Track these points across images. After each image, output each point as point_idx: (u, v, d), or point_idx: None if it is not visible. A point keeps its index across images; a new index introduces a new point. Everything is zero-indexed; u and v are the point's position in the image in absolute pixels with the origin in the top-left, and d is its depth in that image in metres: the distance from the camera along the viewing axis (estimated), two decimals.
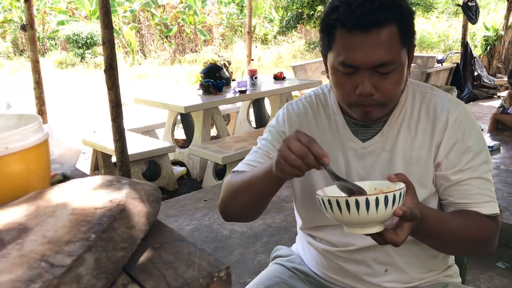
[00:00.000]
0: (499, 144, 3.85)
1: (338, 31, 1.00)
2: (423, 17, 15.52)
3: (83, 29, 15.15)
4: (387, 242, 0.88)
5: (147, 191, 0.75)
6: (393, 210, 0.84)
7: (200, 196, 3.96)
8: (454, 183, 1.09)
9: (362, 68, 1.00)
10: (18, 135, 0.75)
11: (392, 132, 1.13)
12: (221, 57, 8.16)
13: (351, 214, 0.83)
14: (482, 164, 1.09)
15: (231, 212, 1.19)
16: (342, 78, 1.04)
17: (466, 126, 1.10)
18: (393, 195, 0.82)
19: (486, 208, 1.08)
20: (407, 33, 1.02)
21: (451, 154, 1.09)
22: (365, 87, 1.00)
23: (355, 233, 0.87)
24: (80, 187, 0.74)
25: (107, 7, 3.07)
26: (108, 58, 3.11)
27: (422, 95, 1.15)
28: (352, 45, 0.98)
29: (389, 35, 0.97)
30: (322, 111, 1.21)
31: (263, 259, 2.79)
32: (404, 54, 1.03)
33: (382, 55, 0.97)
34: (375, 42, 0.97)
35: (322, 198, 0.86)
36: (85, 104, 9.35)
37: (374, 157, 1.13)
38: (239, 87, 4.83)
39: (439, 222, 1.00)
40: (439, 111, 1.11)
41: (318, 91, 1.25)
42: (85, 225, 0.60)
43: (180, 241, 0.69)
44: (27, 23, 4.54)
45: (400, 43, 1.00)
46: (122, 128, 3.26)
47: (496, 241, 1.10)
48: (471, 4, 7.00)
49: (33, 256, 0.54)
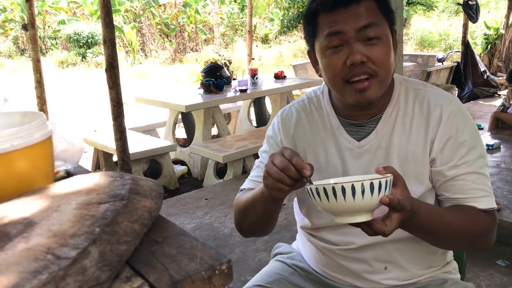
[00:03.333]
0: (499, 143, 3.87)
1: (321, 16, 1.06)
2: (424, 16, 15.50)
3: (84, 28, 15.18)
4: (376, 232, 0.88)
5: (149, 186, 0.77)
6: (380, 197, 0.84)
7: (201, 195, 3.97)
8: (450, 178, 1.09)
9: (348, 33, 1.02)
10: (22, 132, 0.77)
11: (386, 130, 1.13)
12: (222, 56, 8.18)
13: (338, 201, 0.83)
14: (477, 158, 1.09)
15: (244, 230, 1.23)
16: (331, 56, 1.06)
17: (460, 121, 1.10)
18: (378, 182, 0.83)
19: (482, 202, 1.08)
20: (385, 8, 1.07)
21: (446, 150, 1.09)
22: (356, 54, 1.02)
23: (343, 222, 0.88)
24: (83, 183, 0.75)
25: (108, 7, 3.08)
26: (109, 57, 3.12)
27: (415, 91, 1.16)
28: (335, 18, 1.04)
29: (368, 6, 1.04)
30: (315, 113, 1.22)
31: (264, 257, 2.80)
32: (387, 28, 1.07)
33: (365, 17, 1.02)
34: (356, 12, 1.03)
35: (310, 187, 0.87)
36: (86, 103, 9.36)
37: (370, 156, 1.14)
38: (240, 86, 4.84)
39: (433, 216, 1.01)
40: (433, 107, 1.11)
41: (311, 94, 1.27)
42: (89, 219, 0.62)
43: (182, 235, 0.70)
44: (28, 22, 4.55)
45: (381, 14, 1.05)
46: (123, 127, 3.27)
47: (493, 236, 1.10)
48: (471, 3, 7.00)
49: (39, 249, 0.55)
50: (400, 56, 3.03)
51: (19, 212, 0.66)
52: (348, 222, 0.87)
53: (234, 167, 4.30)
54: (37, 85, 4.61)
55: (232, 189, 4.03)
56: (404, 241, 1.14)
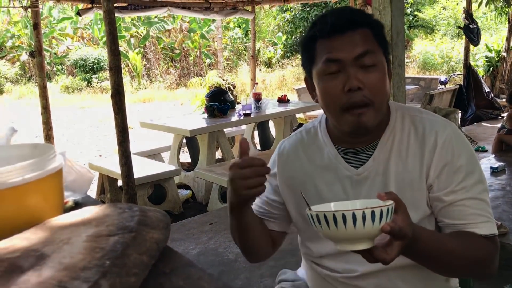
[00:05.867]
0: (504, 165, 3.86)
1: (318, 42, 1.10)
2: (426, 39, 15.64)
3: (90, 53, 15.39)
4: (376, 259, 0.88)
5: (157, 217, 0.78)
6: (381, 225, 0.83)
7: (206, 220, 3.96)
8: (448, 204, 1.09)
9: (346, 61, 1.05)
10: (34, 166, 0.79)
11: (383, 156, 1.14)
12: (226, 80, 8.26)
13: (339, 228, 0.83)
14: (476, 184, 1.09)
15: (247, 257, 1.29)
16: (329, 82, 1.08)
17: (456, 146, 1.11)
18: (380, 210, 0.82)
19: (483, 228, 1.07)
20: (380, 37, 1.11)
21: (442, 176, 1.10)
22: (353, 80, 1.05)
23: (344, 249, 0.87)
24: (93, 215, 0.77)
25: (114, 34, 3.14)
26: (115, 84, 3.17)
27: (411, 118, 1.17)
28: (333, 45, 1.07)
29: (364, 34, 1.08)
30: (312, 144, 1.23)
31: (269, 283, 2.78)
32: (383, 57, 1.10)
33: (361, 45, 1.06)
34: (353, 39, 1.06)
35: (311, 213, 0.86)
36: (91, 128, 9.43)
37: (369, 182, 1.15)
38: (244, 110, 4.88)
39: (434, 243, 1.00)
40: (428, 133, 1.13)
41: (308, 126, 1.29)
42: (100, 251, 0.63)
43: (189, 266, 0.72)
44: (36, 49, 4.64)
45: (376, 42, 1.09)
46: (129, 152, 3.29)
47: (496, 263, 1.10)
48: (472, 27, 7.08)
49: (51, 282, 0.56)
50: (403, 80, 3.04)
51: (31, 245, 0.68)
52: (349, 249, 0.87)
53: None
54: (43, 111, 4.67)
55: None
56: (407, 268, 1.13)
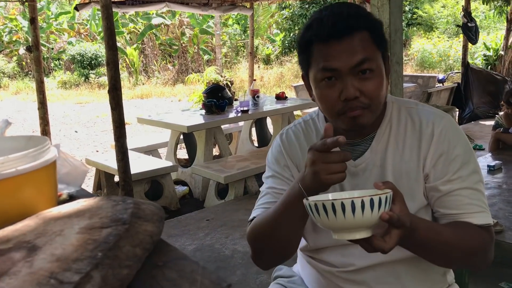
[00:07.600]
0: (500, 164, 3.86)
1: (315, 46, 1.07)
2: (424, 38, 15.65)
3: (88, 49, 15.35)
4: (375, 249, 0.88)
5: (151, 210, 0.78)
6: (379, 214, 0.83)
7: (202, 216, 3.96)
8: (444, 193, 1.10)
9: (342, 70, 1.04)
10: (27, 157, 0.78)
11: (380, 148, 1.15)
12: (224, 77, 8.24)
13: (337, 217, 0.82)
14: (471, 174, 1.10)
15: (268, 261, 1.22)
16: (325, 89, 1.07)
17: (452, 137, 1.12)
18: (378, 198, 0.82)
19: (478, 218, 1.08)
20: (378, 38, 1.08)
21: (438, 165, 1.11)
22: (349, 90, 1.04)
23: (342, 239, 0.87)
24: (86, 207, 0.76)
25: (112, 29, 3.13)
26: (112, 79, 3.16)
27: (407, 110, 1.18)
28: (330, 52, 1.05)
29: (362, 38, 1.05)
30: (312, 135, 1.24)
31: (265, 279, 2.78)
32: (380, 58, 1.08)
33: (359, 53, 1.04)
34: (350, 46, 1.04)
35: (309, 203, 0.86)
36: (88, 123, 9.42)
37: (366, 174, 1.15)
38: (242, 106, 4.88)
39: (432, 233, 1.01)
40: (424, 124, 1.14)
41: (306, 118, 1.30)
42: (92, 243, 0.62)
43: (183, 259, 0.71)
44: (33, 44, 4.62)
45: (374, 46, 1.07)
46: (125, 148, 3.29)
47: (491, 253, 1.10)
48: (470, 25, 7.08)
49: (42, 274, 0.56)
50: (401, 78, 3.04)
51: (23, 236, 0.67)
52: (347, 238, 0.86)
53: (236, 187, 4.30)
54: (40, 106, 4.66)
55: (234, 210, 4.02)
56: (404, 262, 1.14)
